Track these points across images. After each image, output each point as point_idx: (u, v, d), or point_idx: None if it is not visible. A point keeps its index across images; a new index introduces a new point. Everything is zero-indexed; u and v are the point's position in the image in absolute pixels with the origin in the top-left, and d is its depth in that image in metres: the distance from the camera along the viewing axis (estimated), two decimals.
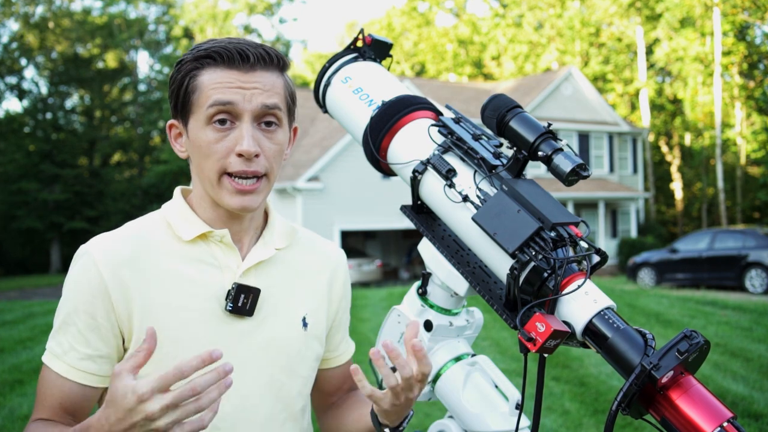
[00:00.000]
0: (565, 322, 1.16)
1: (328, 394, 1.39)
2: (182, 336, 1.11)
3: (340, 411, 1.36)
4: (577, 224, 1.20)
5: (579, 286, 1.15)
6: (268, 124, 1.14)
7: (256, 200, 1.13)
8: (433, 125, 1.42)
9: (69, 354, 1.10)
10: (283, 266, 1.25)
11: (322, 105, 1.58)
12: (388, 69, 1.62)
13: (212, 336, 1.12)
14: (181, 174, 33.03)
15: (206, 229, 1.16)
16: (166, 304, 1.11)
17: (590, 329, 1.15)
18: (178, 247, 1.15)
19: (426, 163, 1.36)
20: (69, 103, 38.72)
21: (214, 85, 1.09)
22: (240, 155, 1.09)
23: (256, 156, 1.10)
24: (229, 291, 1.14)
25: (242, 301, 1.13)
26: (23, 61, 36.51)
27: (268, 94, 1.12)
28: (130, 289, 1.09)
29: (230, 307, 1.13)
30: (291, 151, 1.25)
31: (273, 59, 1.14)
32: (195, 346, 1.07)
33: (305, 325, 1.24)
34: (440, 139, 1.39)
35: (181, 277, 1.13)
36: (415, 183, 1.40)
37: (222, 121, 1.10)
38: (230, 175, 1.10)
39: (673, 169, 32.36)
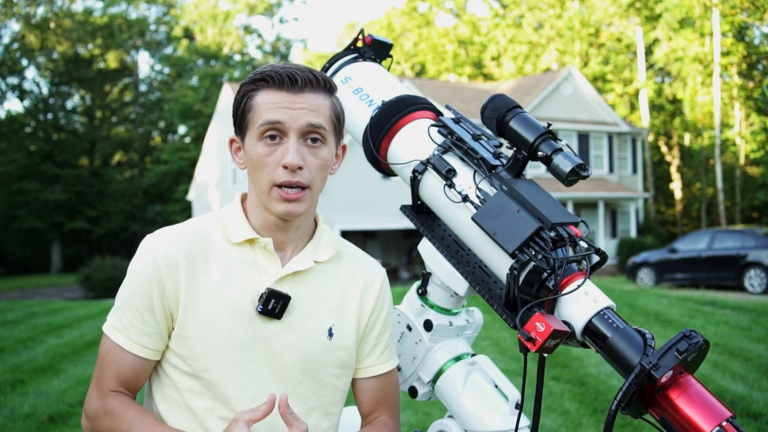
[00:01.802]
0: (565, 322, 1.16)
1: (363, 413, 1.43)
2: (218, 326, 1.23)
3: None
4: (576, 224, 1.20)
5: (579, 286, 1.15)
6: (314, 140, 1.25)
7: (300, 208, 1.25)
8: (433, 125, 1.42)
9: (129, 330, 1.24)
10: (318, 278, 1.33)
11: None
12: (388, 69, 1.62)
13: (242, 331, 1.24)
14: (181, 174, 33.03)
15: (253, 235, 1.28)
16: (208, 296, 1.24)
17: (590, 329, 1.16)
18: (227, 248, 1.28)
19: (426, 163, 1.36)
20: (70, 104, 38.72)
21: (266, 105, 1.23)
22: (285, 167, 1.21)
23: (300, 168, 1.22)
24: (262, 294, 1.25)
25: (272, 305, 1.24)
26: (24, 62, 36.50)
27: (314, 113, 1.24)
28: (180, 278, 1.23)
29: (260, 308, 1.24)
30: (339, 167, 1.37)
31: (320, 82, 1.26)
32: (227, 337, 1.23)
33: (331, 335, 1.32)
34: (440, 139, 1.39)
35: (225, 274, 1.26)
36: (415, 183, 1.40)
37: (272, 137, 1.23)
38: (278, 186, 1.23)
39: (673, 169, 32.33)
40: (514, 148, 1.26)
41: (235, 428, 1.09)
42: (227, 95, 23.66)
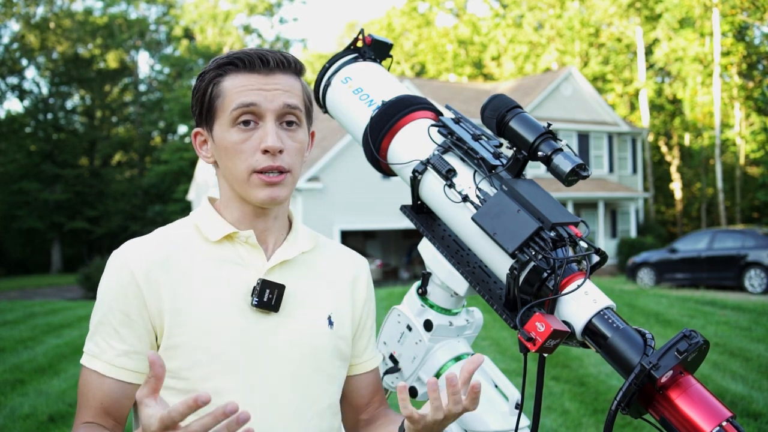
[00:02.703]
0: (565, 322, 1.16)
1: (358, 408, 1.38)
2: (212, 329, 1.15)
3: (371, 428, 1.36)
4: (576, 224, 1.20)
5: (579, 286, 1.15)
6: (289, 123, 1.20)
7: (282, 193, 1.18)
8: (433, 125, 1.42)
9: (106, 352, 1.14)
10: (306, 267, 1.28)
11: (322, 105, 1.58)
12: (388, 69, 1.62)
13: (239, 331, 1.16)
14: (181, 174, 33.03)
15: (232, 229, 1.21)
16: (196, 300, 1.15)
17: (590, 329, 1.15)
18: (206, 248, 1.21)
19: (426, 163, 1.36)
20: (70, 104, 38.72)
21: (238, 89, 1.16)
22: (266, 151, 1.15)
23: (280, 152, 1.16)
24: (254, 287, 1.18)
25: (267, 296, 1.17)
26: (24, 62, 36.50)
27: (288, 94, 1.18)
28: (160, 288, 1.14)
29: (256, 302, 1.17)
30: (309, 153, 1.30)
31: (291, 63, 1.21)
32: (223, 338, 1.14)
33: (331, 323, 1.26)
34: (440, 139, 1.39)
35: (209, 275, 1.18)
36: (415, 183, 1.40)
37: (246, 122, 1.16)
38: (258, 172, 1.17)
39: (673, 169, 32.34)
40: (514, 148, 1.26)
41: (142, 409, 0.90)
42: None
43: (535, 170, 18.20)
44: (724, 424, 1.04)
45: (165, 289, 1.15)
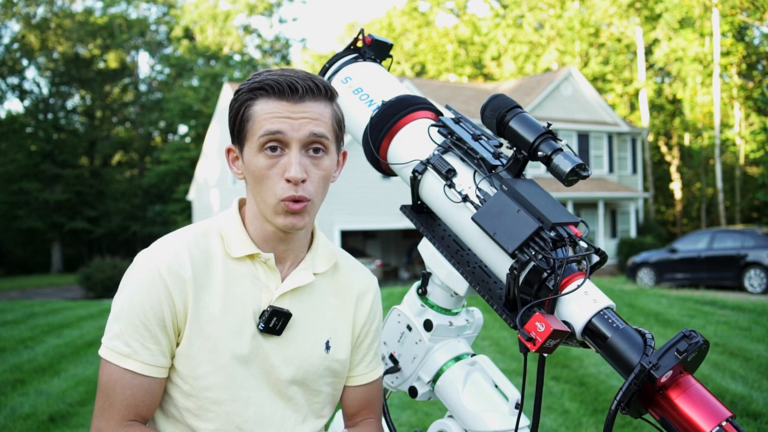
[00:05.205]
0: (565, 322, 1.16)
1: (347, 415, 1.44)
2: (221, 344, 1.21)
3: None
4: (576, 224, 1.20)
5: (578, 286, 1.15)
6: (316, 150, 1.21)
7: (303, 221, 1.21)
8: (433, 125, 1.42)
9: (141, 353, 1.17)
10: (316, 292, 1.32)
11: None
12: (388, 69, 1.62)
13: (244, 348, 1.22)
14: (181, 174, 33.03)
15: (255, 250, 1.25)
16: (212, 313, 1.21)
17: (590, 329, 1.15)
18: (228, 262, 1.25)
19: (426, 163, 1.36)
20: (70, 104, 38.71)
21: (266, 115, 1.18)
22: (288, 181, 1.18)
23: (303, 181, 1.18)
24: (263, 312, 1.23)
25: (273, 322, 1.23)
26: (24, 62, 36.50)
27: (315, 122, 1.19)
28: (188, 293, 1.19)
29: (262, 326, 1.23)
30: (339, 174, 1.32)
31: (321, 90, 1.21)
32: (230, 355, 1.20)
33: (328, 348, 1.32)
34: (440, 139, 1.39)
35: (227, 289, 1.23)
36: (415, 183, 1.40)
37: (273, 148, 1.18)
38: (282, 200, 1.19)
39: (673, 169, 32.35)
40: (514, 148, 1.26)
41: None
42: (227, 95, 23.67)
43: (535, 170, 18.21)
44: (723, 424, 1.04)
45: (191, 296, 1.19)
